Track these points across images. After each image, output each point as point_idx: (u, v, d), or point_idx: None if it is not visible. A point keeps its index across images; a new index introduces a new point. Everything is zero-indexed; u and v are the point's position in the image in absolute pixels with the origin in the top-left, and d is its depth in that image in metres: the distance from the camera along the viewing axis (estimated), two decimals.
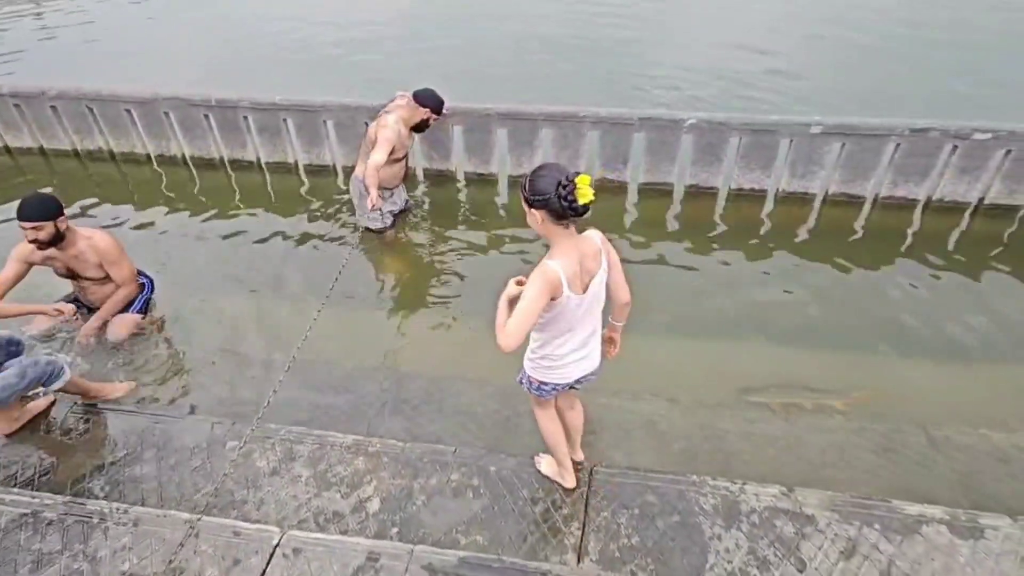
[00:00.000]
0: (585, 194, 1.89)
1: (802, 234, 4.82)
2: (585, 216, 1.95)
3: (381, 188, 4.44)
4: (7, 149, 6.18)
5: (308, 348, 3.84)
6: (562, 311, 2.13)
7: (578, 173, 1.91)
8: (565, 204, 1.90)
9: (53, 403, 3.20)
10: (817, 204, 5.08)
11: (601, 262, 2.15)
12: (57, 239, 3.47)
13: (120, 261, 3.76)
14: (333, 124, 5.45)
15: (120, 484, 2.82)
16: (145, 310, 4.08)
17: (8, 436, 3.03)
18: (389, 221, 4.78)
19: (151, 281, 4.18)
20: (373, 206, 4.26)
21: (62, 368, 3.04)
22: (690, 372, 3.68)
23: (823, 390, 3.50)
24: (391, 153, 4.30)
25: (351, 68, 8.35)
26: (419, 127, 4.53)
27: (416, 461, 2.92)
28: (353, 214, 4.94)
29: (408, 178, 4.95)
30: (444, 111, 4.62)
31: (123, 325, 3.90)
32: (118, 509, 2.47)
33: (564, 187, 1.89)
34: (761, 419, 3.36)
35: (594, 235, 2.17)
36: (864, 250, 4.63)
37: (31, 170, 6.01)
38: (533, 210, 2.00)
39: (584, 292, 2.12)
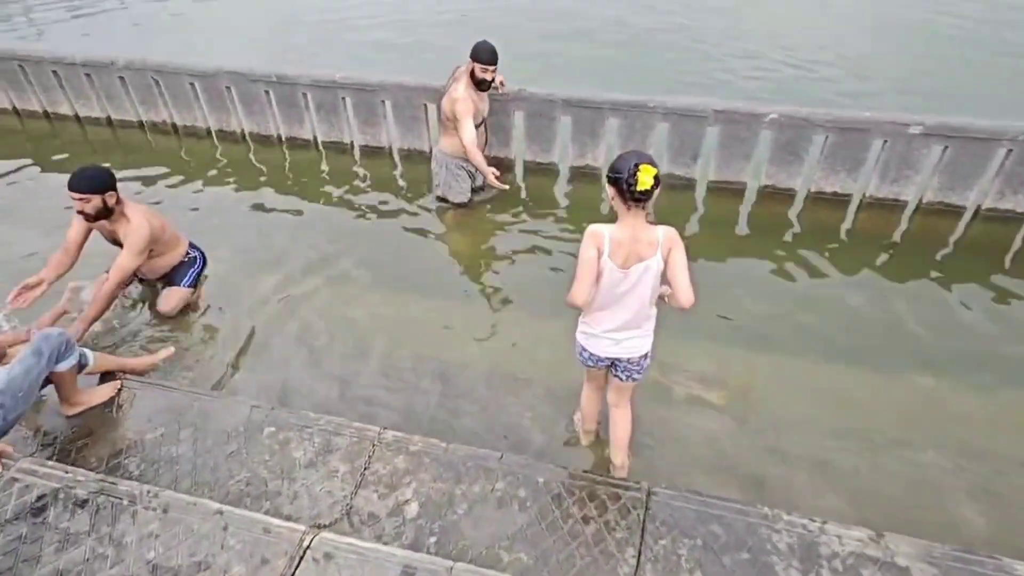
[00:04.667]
0: (643, 181, 2.10)
1: (888, 245, 4.38)
2: (643, 201, 2.17)
3: (464, 159, 4.48)
4: (77, 118, 6.30)
5: (353, 334, 3.75)
6: (601, 280, 2.29)
7: (651, 162, 2.12)
8: (626, 186, 2.13)
9: (120, 388, 3.11)
10: (908, 213, 4.62)
11: (656, 254, 2.26)
12: (105, 213, 3.41)
13: (133, 247, 3.46)
14: (391, 105, 5.30)
15: (156, 464, 2.73)
16: (196, 284, 4.01)
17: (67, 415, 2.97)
18: (469, 196, 4.74)
19: (203, 255, 4.11)
20: (496, 176, 4.26)
21: (72, 341, 2.84)
22: (761, 388, 3.35)
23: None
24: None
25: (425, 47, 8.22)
26: (479, 84, 4.32)
27: (459, 464, 2.72)
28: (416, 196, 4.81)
29: (487, 147, 4.79)
30: (488, 63, 4.20)
31: (172, 298, 3.85)
32: (149, 492, 2.35)
33: (631, 172, 2.11)
34: (839, 448, 3.02)
35: (661, 229, 2.29)
36: (961, 266, 4.16)
37: (96, 139, 6.10)
38: (609, 185, 2.24)
39: (626, 268, 2.26)
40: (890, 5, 9.71)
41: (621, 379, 2.67)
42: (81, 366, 2.92)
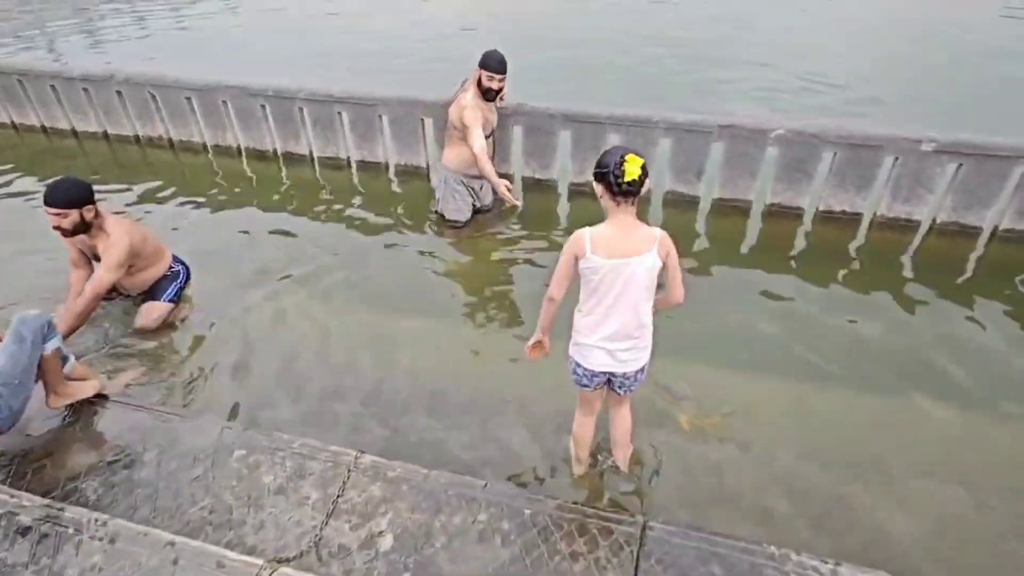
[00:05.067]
0: (630, 172, 2.05)
1: (900, 267, 4.17)
2: (632, 195, 2.11)
3: (468, 175, 4.33)
4: (74, 132, 6.25)
5: (337, 350, 3.58)
6: (588, 273, 2.23)
7: (638, 154, 2.09)
8: (614, 179, 2.08)
9: (101, 395, 2.97)
10: (921, 233, 4.43)
11: (652, 250, 2.19)
12: (82, 228, 3.28)
13: (111, 261, 3.34)
14: (388, 119, 5.20)
15: (115, 487, 2.55)
16: (178, 299, 3.87)
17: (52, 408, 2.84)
18: (468, 214, 4.54)
19: (187, 269, 3.98)
20: (508, 188, 4.07)
21: (51, 321, 2.74)
22: (766, 414, 3.13)
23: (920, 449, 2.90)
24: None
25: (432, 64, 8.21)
26: (485, 93, 4.15)
27: (440, 493, 2.51)
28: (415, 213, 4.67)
29: (494, 161, 4.59)
30: (495, 72, 4.06)
31: (152, 313, 3.70)
32: (96, 521, 2.17)
33: (617, 164, 2.07)
34: (853, 480, 2.79)
35: (656, 230, 2.23)
36: (978, 290, 3.94)
37: (94, 154, 6.04)
38: (596, 182, 2.19)
39: (613, 259, 2.17)
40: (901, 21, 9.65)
41: (619, 394, 2.57)
42: (64, 359, 2.81)
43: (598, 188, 2.18)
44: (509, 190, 4.08)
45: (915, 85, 7.49)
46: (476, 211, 4.60)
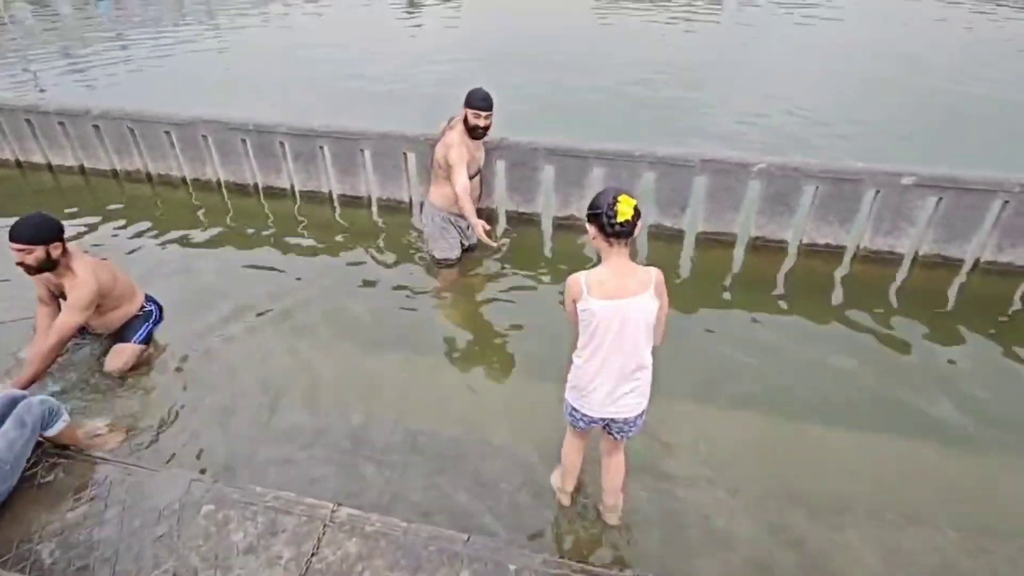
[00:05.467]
0: (623, 212, 2.04)
1: (886, 300, 4.16)
2: (625, 236, 2.10)
3: (454, 214, 4.24)
4: (49, 167, 6.13)
5: (316, 391, 3.46)
6: (586, 316, 2.20)
7: (630, 195, 2.07)
8: (607, 220, 2.06)
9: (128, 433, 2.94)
10: (905, 266, 4.43)
11: (649, 291, 2.17)
12: (48, 266, 3.16)
13: (77, 303, 3.20)
14: (370, 154, 5.16)
15: (72, 550, 2.39)
16: (149, 340, 3.74)
17: None
18: (457, 253, 4.44)
19: (159, 308, 3.85)
20: (486, 230, 3.92)
21: (58, 406, 2.73)
22: (755, 456, 3.05)
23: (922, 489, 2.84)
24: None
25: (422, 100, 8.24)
26: (472, 131, 4.06)
27: (420, 548, 2.39)
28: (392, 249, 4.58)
29: (480, 199, 4.58)
30: (481, 109, 3.97)
31: (121, 356, 3.56)
32: None
33: (610, 204, 2.05)
34: (847, 524, 2.71)
35: (652, 270, 2.21)
36: (962, 322, 3.94)
37: (69, 188, 5.92)
38: (589, 223, 2.17)
39: (609, 300, 2.14)
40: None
41: (616, 439, 2.50)
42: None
43: (591, 229, 2.16)
44: (489, 232, 3.96)
45: (894, 114, 7.65)
46: (465, 249, 4.51)
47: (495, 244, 4.09)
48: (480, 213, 4.23)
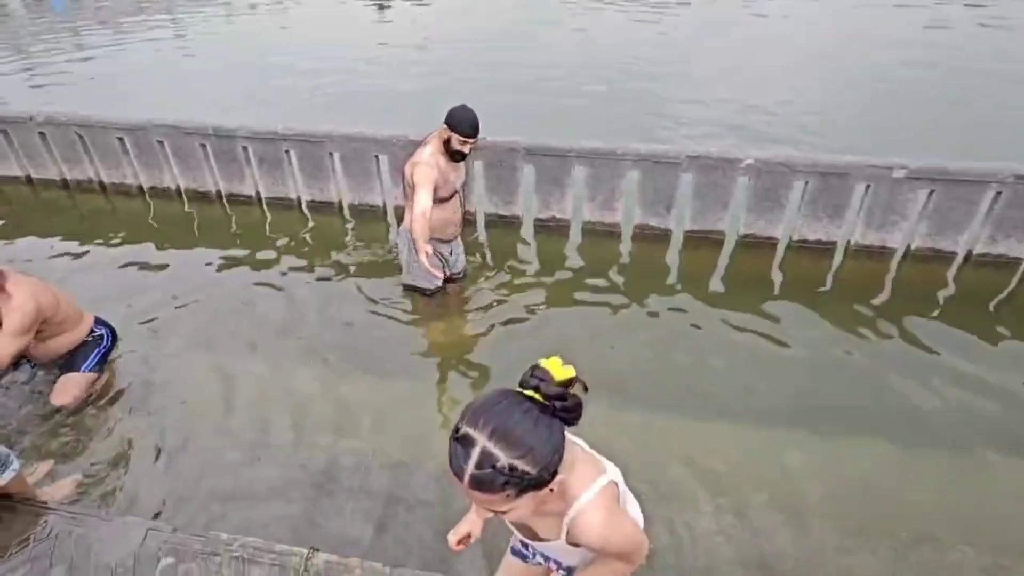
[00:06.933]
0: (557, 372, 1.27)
1: (879, 296, 4.03)
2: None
3: (435, 240, 3.68)
4: None
5: (286, 422, 3.20)
6: None
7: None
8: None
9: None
10: (897, 260, 4.32)
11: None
12: None
13: (13, 328, 2.92)
14: (339, 157, 4.88)
15: None
16: (102, 368, 3.44)
17: None
18: (439, 283, 3.93)
19: (112, 332, 3.55)
20: (428, 255, 3.31)
21: (7, 454, 2.41)
22: (751, 473, 2.88)
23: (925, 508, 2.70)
24: (435, 192, 3.47)
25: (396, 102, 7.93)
26: (453, 155, 3.56)
27: None
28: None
29: (465, 225, 4.06)
30: (469, 137, 3.45)
31: (70, 387, 3.26)
32: None
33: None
34: (861, 548, 2.55)
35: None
36: (957, 315, 3.83)
37: (16, 200, 5.53)
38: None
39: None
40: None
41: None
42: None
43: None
44: (430, 258, 3.34)
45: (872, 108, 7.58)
46: (447, 279, 4.03)
47: (438, 275, 3.68)
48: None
